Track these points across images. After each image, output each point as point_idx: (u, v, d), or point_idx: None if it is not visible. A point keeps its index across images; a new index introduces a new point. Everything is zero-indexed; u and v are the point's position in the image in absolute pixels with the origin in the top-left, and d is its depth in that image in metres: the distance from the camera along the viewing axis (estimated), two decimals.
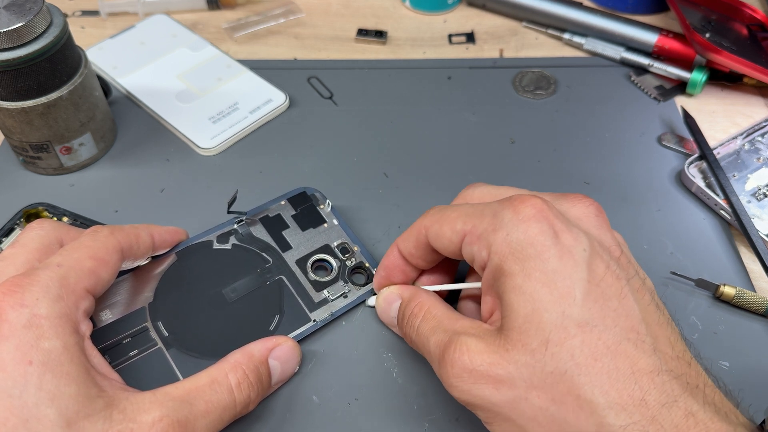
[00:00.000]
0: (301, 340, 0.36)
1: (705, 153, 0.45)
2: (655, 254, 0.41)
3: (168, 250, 0.38)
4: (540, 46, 0.57)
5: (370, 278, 0.39)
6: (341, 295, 0.38)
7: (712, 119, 0.50)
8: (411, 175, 0.46)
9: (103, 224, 0.42)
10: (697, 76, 0.51)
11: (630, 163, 0.47)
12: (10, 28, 0.38)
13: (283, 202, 0.42)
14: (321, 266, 0.40)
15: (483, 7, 0.60)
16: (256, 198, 0.43)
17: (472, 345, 0.29)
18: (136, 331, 0.35)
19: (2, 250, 0.41)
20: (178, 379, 0.34)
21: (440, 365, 0.29)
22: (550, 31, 0.57)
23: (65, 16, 0.46)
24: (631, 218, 0.44)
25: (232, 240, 0.39)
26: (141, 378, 0.33)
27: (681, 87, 0.52)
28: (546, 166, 0.47)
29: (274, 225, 0.41)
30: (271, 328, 0.36)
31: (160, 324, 0.35)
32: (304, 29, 0.58)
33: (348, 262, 0.39)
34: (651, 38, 0.53)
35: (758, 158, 0.46)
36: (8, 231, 0.42)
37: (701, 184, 0.44)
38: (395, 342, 0.37)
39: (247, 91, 0.51)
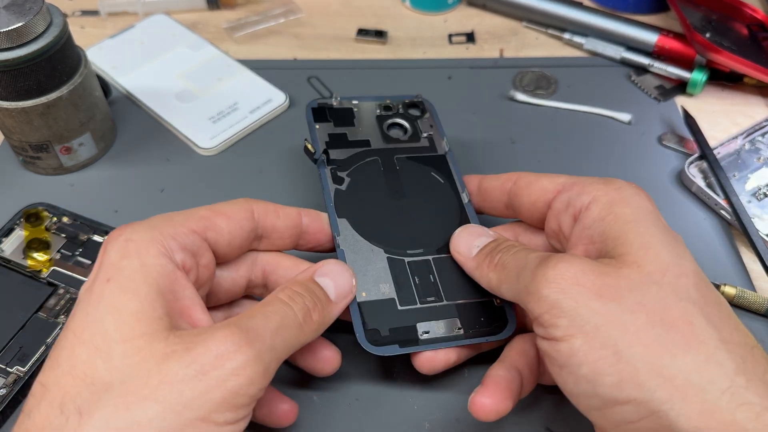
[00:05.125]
0: None
1: (705, 153, 0.45)
2: None
3: (321, 245, 0.36)
4: (540, 46, 0.57)
5: None
6: None
7: (712, 119, 0.50)
8: None
9: (103, 224, 0.42)
10: (698, 76, 0.51)
11: (630, 163, 0.47)
12: (10, 28, 0.38)
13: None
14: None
15: (483, 7, 0.60)
16: (256, 198, 0.43)
17: (583, 257, 0.28)
18: None
19: (3, 251, 0.41)
20: None
21: (539, 267, 0.28)
22: (550, 31, 0.57)
23: (65, 16, 0.46)
24: None
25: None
26: None
27: (681, 87, 0.52)
28: (546, 166, 0.47)
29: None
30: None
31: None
32: (304, 29, 0.58)
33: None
34: (651, 38, 0.53)
35: (758, 158, 0.46)
36: (8, 231, 0.42)
37: (701, 184, 0.44)
38: None
39: (247, 91, 0.51)
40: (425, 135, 0.41)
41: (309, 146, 0.38)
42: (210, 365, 0.25)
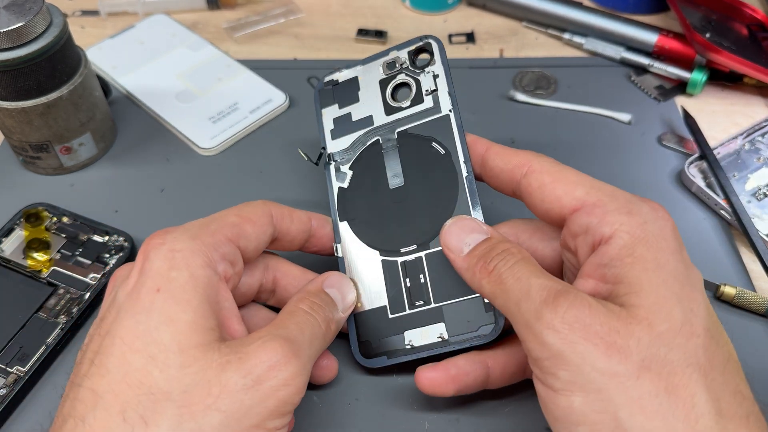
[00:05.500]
0: None
1: (705, 153, 0.45)
2: None
3: (325, 250, 0.37)
4: (540, 46, 0.57)
5: None
6: None
7: (712, 119, 0.50)
8: None
9: (103, 224, 0.42)
10: (697, 76, 0.51)
11: (630, 163, 0.47)
12: (10, 28, 0.38)
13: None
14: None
15: (483, 7, 0.60)
16: (256, 197, 0.42)
17: (593, 303, 0.26)
18: None
19: (3, 251, 0.41)
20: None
21: (545, 306, 0.27)
22: (550, 31, 0.57)
23: (65, 16, 0.46)
24: None
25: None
26: None
27: (681, 87, 0.52)
28: None
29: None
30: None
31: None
32: (304, 29, 0.58)
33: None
34: (651, 38, 0.53)
35: (758, 158, 0.46)
36: (8, 231, 0.42)
37: (701, 184, 0.44)
38: None
39: (247, 91, 0.51)
40: (428, 92, 0.38)
41: (303, 155, 0.38)
42: (264, 375, 0.27)
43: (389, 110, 0.38)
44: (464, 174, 0.35)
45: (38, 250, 0.41)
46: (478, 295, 0.33)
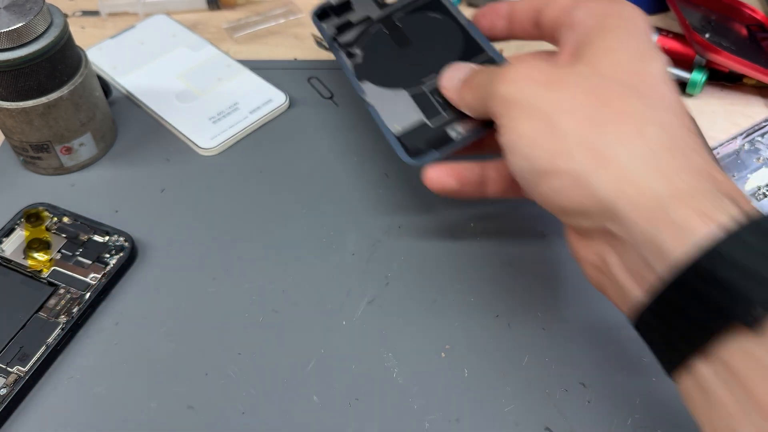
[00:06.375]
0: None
1: None
2: None
3: None
4: (540, 45, 0.56)
5: None
6: None
7: (711, 119, 0.50)
8: (412, 175, 0.46)
9: (104, 224, 0.42)
10: (697, 77, 0.51)
11: None
12: (10, 28, 0.38)
13: None
14: None
15: None
16: (256, 198, 0.43)
17: (539, 60, 0.30)
18: None
19: (3, 251, 0.41)
20: None
21: (500, 70, 0.31)
22: None
23: (65, 16, 0.46)
24: None
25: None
26: None
27: (681, 87, 0.52)
28: None
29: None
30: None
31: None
32: (304, 29, 0.58)
33: None
34: None
35: (758, 158, 0.46)
36: (9, 231, 0.42)
37: None
38: (395, 342, 0.37)
39: (247, 91, 0.51)
40: None
41: (316, 36, 0.44)
42: None
43: (382, 6, 0.44)
44: (464, 22, 0.41)
45: (39, 250, 0.41)
46: None
